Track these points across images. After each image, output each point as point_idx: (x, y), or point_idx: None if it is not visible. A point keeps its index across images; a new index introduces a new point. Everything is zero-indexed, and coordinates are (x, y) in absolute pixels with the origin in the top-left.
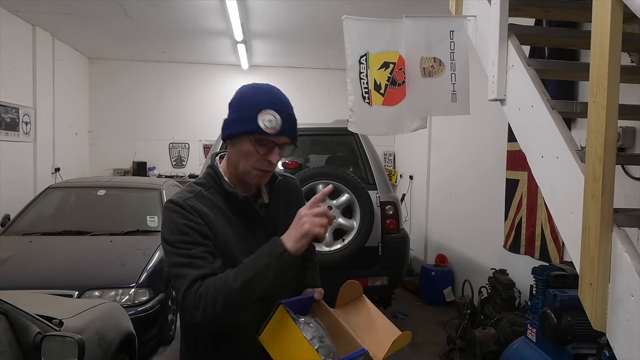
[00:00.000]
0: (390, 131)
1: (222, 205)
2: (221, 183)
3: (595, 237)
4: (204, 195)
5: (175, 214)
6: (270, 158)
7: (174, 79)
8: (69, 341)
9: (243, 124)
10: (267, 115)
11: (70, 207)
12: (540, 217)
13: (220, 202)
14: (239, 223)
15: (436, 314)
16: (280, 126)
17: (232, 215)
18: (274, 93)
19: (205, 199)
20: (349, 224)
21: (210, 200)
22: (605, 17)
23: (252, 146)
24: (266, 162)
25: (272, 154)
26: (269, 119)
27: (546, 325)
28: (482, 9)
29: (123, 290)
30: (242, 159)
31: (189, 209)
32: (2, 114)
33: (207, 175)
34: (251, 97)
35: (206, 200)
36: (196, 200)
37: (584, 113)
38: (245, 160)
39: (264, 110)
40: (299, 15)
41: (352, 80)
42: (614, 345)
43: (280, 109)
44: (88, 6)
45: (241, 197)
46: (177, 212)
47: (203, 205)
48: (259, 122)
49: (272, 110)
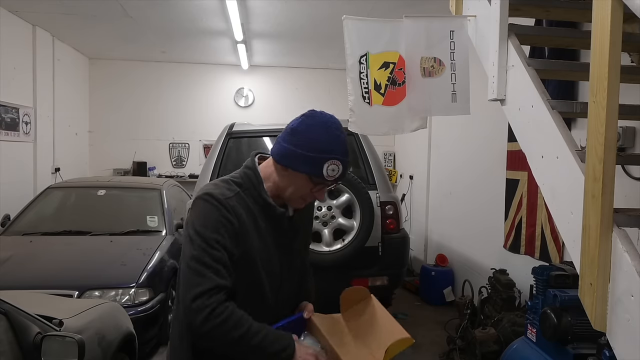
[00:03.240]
0: (390, 131)
1: (255, 210)
2: (259, 190)
3: (595, 237)
4: (242, 197)
5: (215, 209)
6: (318, 196)
7: (174, 79)
8: (69, 341)
9: (308, 166)
10: (332, 165)
11: (70, 207)
12: (540, 217)
13: (253, 207)
14: (267, 231)
15: (436, 314)
16: (339, 175)
17: (262, 222)
18: (342, 140)
19: (243, 200)
20: (349, 224)
21: (246, 203)
22: (605, 17)
23: (308, 185)
24: (313, 196)
25: (321, 193)
26: (333, 168)
27: (546, 325)
28: (482, 9)
29: (123, 290)
30: (291, 187)
31: (230, 209)
32: (2, 114)
33: (245, 175)
34: (323, 142)
35: (243, 202)
36: (236, 200)
37: (584, 113)
38: (294, 190)
39: (331, 160)
40: (299, 15)
41: (352, 80)
42: (614, 345)
43: (343, 159)
44: (88, 6)
45: (279, 212)
46: (218, 208)
47: (240, 207)
48: (324, 171)
49: (337, 161)
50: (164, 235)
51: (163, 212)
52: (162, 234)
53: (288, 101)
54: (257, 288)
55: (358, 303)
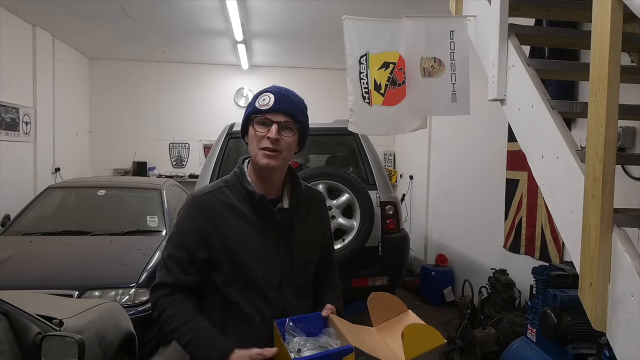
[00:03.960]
0: (390, 131)
1: (240, 203)
2: (242, 181)
3: (595, 237)
4: (223, 192)
5: (186, 207)
6: (269, 135)
7: (174, 79)
8: (69, 341)
9: (245, 111)
10: (263, 96)
11: (71, 207)
12: (540, 217)
13: (239, 200)
14: (254, 221)
15: (436, 314)
16: (273, 102)
17: (249, 214)
18: (279, 86)
19: (223, 194)
20: (349, 224)
21: (227, 197)
22: (605, 17)
23: (253, 128)
24: (266, 139)
25: (270, 131)
26: (263, 98)
27: (546, 325)
28: (482, 9)
29: (123, 290)
30: (250, 146)
31: (198, 205)
32: (2, 114)
33: (233, 173)
34: (256, 92)
35: (223, 196)
36: (213, 195)
37: (584, 113)
38: (251, 146)
39: (262, 94)
40: (299, 15)
41: (352, 80)
42: (614, 345)
43: (275, 91)
44: (88, 6)
45: (258, 195)
46: (188, 206)
47: (217, 201)
48: (255, 104)
49: (267, 93)
50: (164, 235)
51: (163, 212)
52: (162, 234)
53: None
54: (249, 275)
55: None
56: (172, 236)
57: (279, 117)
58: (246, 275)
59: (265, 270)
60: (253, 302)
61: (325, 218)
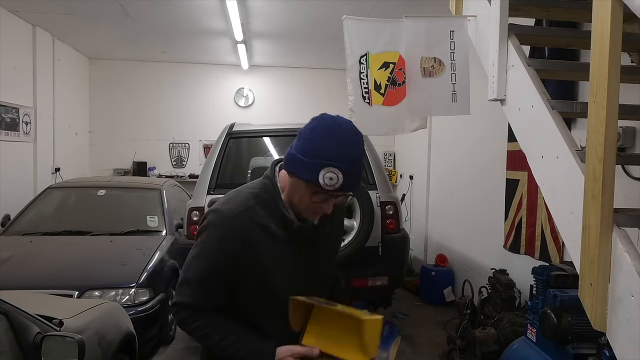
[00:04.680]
0: (390, 131)
1: (271, 222)
2: (277, 202)
3: (595, 237)
4: (256, 212)
5: (216, 230)
6: (324, 207)
7: (175, 79)
8: (69, 341)
9: (304, 172)
10: (330, 173)
11: (71, 207)
12: (540, 217)
13: (270, 220)
14: (285, 242)
15: (436, 314)
16: (340, 185)
17: (280, 234)
18: (345, 144)
19: (256, 215)
20: (349, 224)
21: (260, 217)
22: (605, 17)
23: (308, 194)
24: (319, 207)
25: (327, 204)
26: (330, 176)
27: (546, 325)
28: (482, 9)
29: (123, 290)
30: (296, 195)
31: (233, 229)
32: (2, 114)
33: (263, 186)
34: (321, 146)
35: (256, 217)
36: (247, 215)
37: (584, 113)
38: (298, 199)
39: (328, 167)
40: (299, 15)
41: (352, 80)
42: (614, 345)
43: (344, 167)
44: (88, 6)
45: (297, 226)
46: (218, 228)
47: (252, 223)
48: (320, 179)
49: (335, 169)
50: (164, 235)
51: (163, 212)
52: (162, 234)
53: (288, 101)
54: (277, 297)
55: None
56: (201, 257)
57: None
58: (273, 298)
59: (292, 290)
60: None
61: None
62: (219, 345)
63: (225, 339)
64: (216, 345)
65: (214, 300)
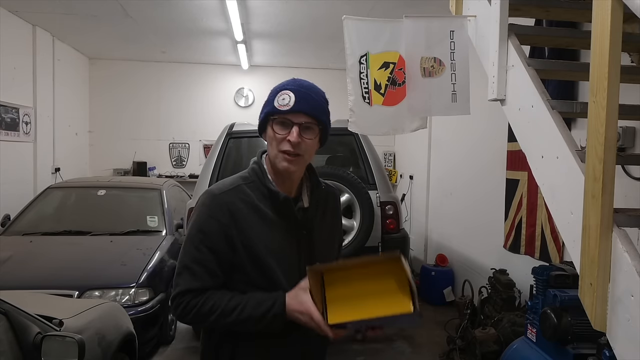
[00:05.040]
0: (390, 131)
1: (260, 202)
2: (264, 180)
3: (595, 237)
4: (243, 190)
5: (205, 207)
6: (289, 137)
7: (174, 79)
8: (69, 341)
9: (264, 109)
10: (282, 95)
11: (71, 207)
12: (540, 217)
13: (259, 199)
14: (275, 221)
15: (436, 314)
16: (293, 102)
17: (271, 214)
18: (297, 80)
19: (243, 193)
20: (349, 224)
21: (248, 195)
22: (605, 17)
23: (272, 129)
24: (287, 142)
25: (291, 133)
26: (283, 97)
27: (546, 325)
28: (482, 9)
29: (123, 290)
30: (269, 146)
31: (220, 205)
32: (2, 114)
33: (251, 170)
34: (276, 86)
35: (244, 195)
36: (233, 193)
37: (584, 113)
38: (271, 146)
39: (281, 91)
40: (299, 15)
41: (352, 80)
42: (614, 345)
43: (295, 89)
44: (88, 6)
45: (282, 197)
46: (208, 205)
47: (239, 201)
48: (275, 103)
49: (287, 90)
50: (164, 235)
51: (163, 212)
52: (162, 234)
53: None
54: (271, 277)
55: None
56: (192, 238)
57: (300, 118)
58: (269, 277)
59: (287, 272)
60: None
61: (340, 216)
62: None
63: (231, 301)
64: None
65: (213, 280)
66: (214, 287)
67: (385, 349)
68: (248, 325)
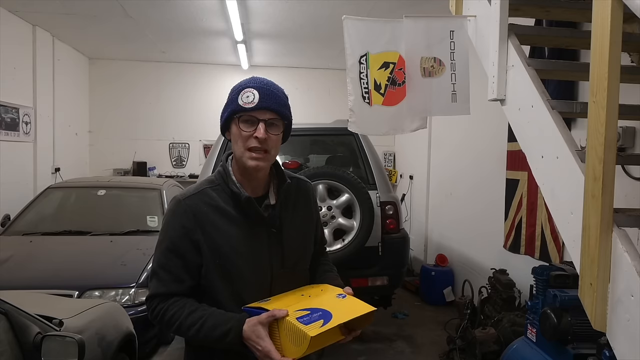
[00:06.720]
0: (390, 131)
1: (226, 204)
2: (227, 181)
3: (595, 237)
4: (208, 194)
5: (170, 213)
6: (257, 134)
7: (174, 79)
8: (69, 341)
9: (227, 108)
10: (246, 92)
11: (70, 207)
12: (540, 217)
13: (225, 201)
14: (242, 222)
15: (436, 314)
16: (258, 100)
17: (236, 215)
18: (257, 77)
19: (208, 197)
20: (349, 224)
21: (212, 199)
22: (605, 17)
23: (237, 127)
24: (254, 139)
25: (258, 130)
26: (247, 95)
27: (546, 325)
28: (482, 9)
29: (123, 290)
30: (234, 145)
31: (184, 210)
32: (2, 114)
33: (217, 173)
34: (236, 85)
35: (208, 198)
36: (198, 198)
37: (584, 113)
38: (237, 145)
39: (244, 90)
40: (299, 15)
41: (352, 80)
42: (614, 345)
43: (258, 86)
44: (88, 6)
45: (244, 197)
46: (173, 211)
47: (203, 204)
48: (238, 101)
49: (250, 88)
50: None
51: (163, 212)
52: None
53: None
54: (239, 279)
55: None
56: (160, 244)
57: (265, 115)
58: (237, 279)
59: (255, 272)
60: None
61: (316, 208)
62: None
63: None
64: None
65: (181, 285)
66: (180, 292)
67: (385, 348)
68: (207, 343)
